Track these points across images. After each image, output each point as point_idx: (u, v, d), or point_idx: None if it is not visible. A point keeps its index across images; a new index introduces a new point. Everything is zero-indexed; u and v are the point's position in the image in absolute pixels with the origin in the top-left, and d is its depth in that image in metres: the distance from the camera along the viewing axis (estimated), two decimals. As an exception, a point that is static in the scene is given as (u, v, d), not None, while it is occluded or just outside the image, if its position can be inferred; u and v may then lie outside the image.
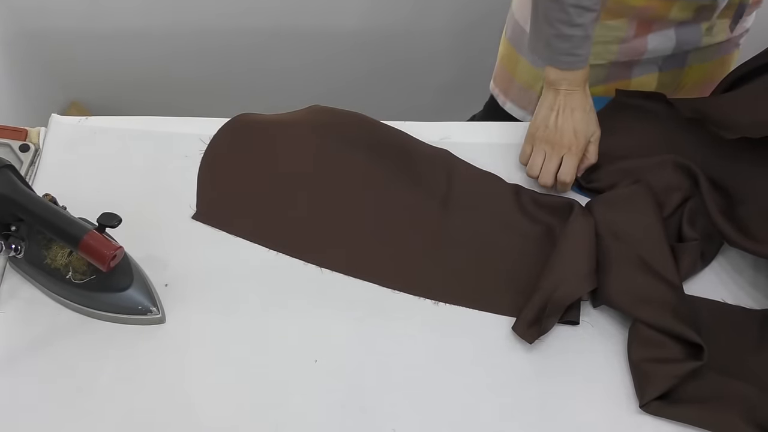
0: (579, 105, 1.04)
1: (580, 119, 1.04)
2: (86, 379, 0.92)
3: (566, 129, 1.04)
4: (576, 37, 1.00)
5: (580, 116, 1.04)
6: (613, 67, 1.19)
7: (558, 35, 1.00)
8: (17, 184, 0.90)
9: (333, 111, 1.17)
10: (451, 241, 1.03)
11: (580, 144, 1.04)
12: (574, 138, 1.04)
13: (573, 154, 1.04)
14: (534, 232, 1.05)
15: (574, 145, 1.04)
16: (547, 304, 0.94)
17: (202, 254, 1.03)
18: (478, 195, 1.08)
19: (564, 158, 1.05)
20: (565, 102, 1.04)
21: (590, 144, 1.07)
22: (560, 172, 1.05)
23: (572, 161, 1.05)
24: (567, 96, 1.04)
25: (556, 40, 1.01)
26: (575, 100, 1.04)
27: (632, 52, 1.17)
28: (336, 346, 0.95)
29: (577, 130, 1.04)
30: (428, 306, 0.99)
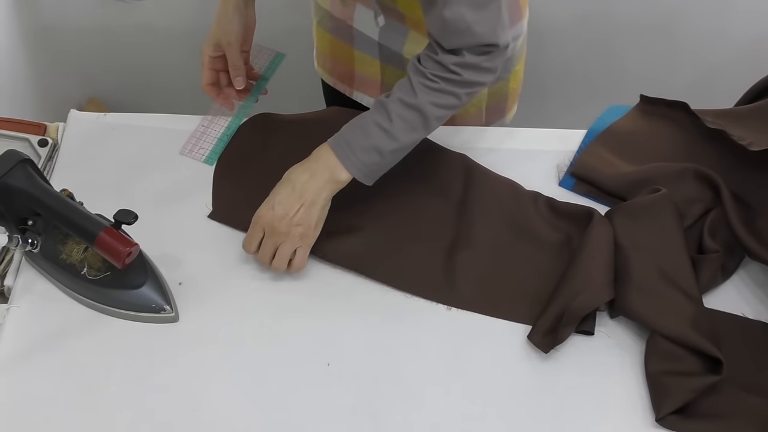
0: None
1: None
2: (98, 377, 0.93)
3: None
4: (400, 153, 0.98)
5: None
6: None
7: (396, 150, 0.97)
8: (35, 179, 0.90)
9: (352, 113, 1.17)
10: (466, 247, 1.03)
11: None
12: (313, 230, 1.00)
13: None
14: (552, 240, 1.05)
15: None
16: (563, 313, 0.94)
17: (217, 253, 1.03)
18: (496, 201, 1.08)
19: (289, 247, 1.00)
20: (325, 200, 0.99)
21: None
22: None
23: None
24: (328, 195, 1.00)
25: (391, 155, 0.97)
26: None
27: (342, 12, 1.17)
28: (349, 350, 0.95)
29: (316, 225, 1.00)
30: (442, 312, 0.99)
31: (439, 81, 0.94)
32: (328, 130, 1.13)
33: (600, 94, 1.95)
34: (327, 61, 1.30)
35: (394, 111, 0.95)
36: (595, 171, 1.10)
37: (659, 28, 1.83)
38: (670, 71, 1.93)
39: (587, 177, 1.10)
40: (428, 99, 0.94)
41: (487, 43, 0.92)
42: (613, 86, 1.97)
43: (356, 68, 1.24)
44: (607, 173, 1.09)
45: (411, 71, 0.96)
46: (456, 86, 0.95)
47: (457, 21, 0.89)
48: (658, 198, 1.03)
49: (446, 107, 0.96)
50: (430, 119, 0.96)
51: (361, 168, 0.96)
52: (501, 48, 0.94)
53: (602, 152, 1.12)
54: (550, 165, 1.13)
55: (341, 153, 0.96)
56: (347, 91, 1.30)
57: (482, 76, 0.96)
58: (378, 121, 0.95)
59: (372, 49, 1.18)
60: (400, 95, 0.95)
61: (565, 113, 1.98)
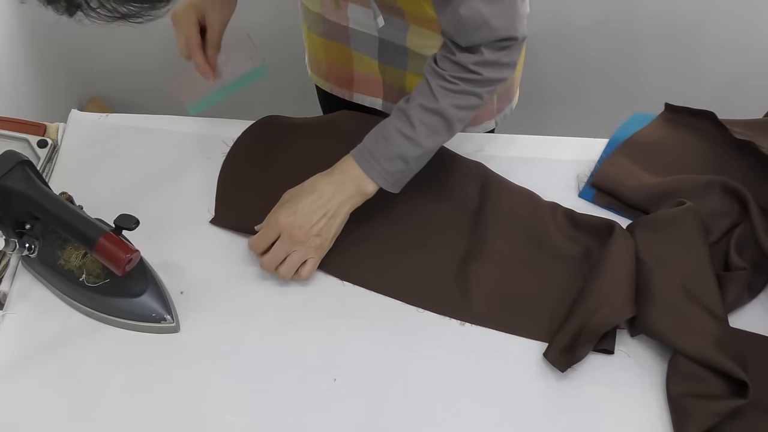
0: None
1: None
2: (94, 387, 0.93)
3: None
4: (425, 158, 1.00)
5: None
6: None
7: (421, 156, 0.98)
8: (34, 181, 0.91)
9: (363, 117, 1.18)
10: (481, 259, 1.03)
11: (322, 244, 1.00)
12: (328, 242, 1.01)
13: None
14: (571, 253, 1.04)
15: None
16: (581, 330, 0.93)
17: (220, 262, 1.03)
18: (512, 211, 1.08)
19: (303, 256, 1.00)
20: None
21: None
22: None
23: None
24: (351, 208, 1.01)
25: (415, 161, 0.98)
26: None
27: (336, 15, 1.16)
28: (356, 365, 0.95)
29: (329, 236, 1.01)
30: (455, 327, 0.99)
31: (459, 82, 0.95)
32: (338, 134, 1.14)
33: (622, 101, 1.95)
34: (322, 67, 1.31)
35: (416, 117, 0.96)
36: (617, 182, 1.09)
37: (685, 33, 1.82)
38: (696, 78, 1.93)
39: (608, 188, 1.10)
40: (450, 102, 0.95)
41: (505, 36, 0.92)
42: (636, 93, 1.97)
43: (355, 69, 1.25)
44: (630, 185, 1.09)
45: (428, 74, 0.97)
46: (477, 86, 0.96)
47: (473, 17, 0.90)
48: (683, 211, 1.03)
49: (468, 108, 0.97)
50: (453, 122, 0.97)
51: (388, 177, 0.98)
52: (519, 40, 0.94)
53: (624, 162, 1.12)
54: (569, 175, 1.13)
55: (366, 164, 0.98)
56: (346, 95, 1.31)
57: (502, 72, 0.96)
58: (400, 129, 0.97)
59: (370, 49, 1.18)
60: (420, 101, 0.96)
61: (585, 121, 1.98)
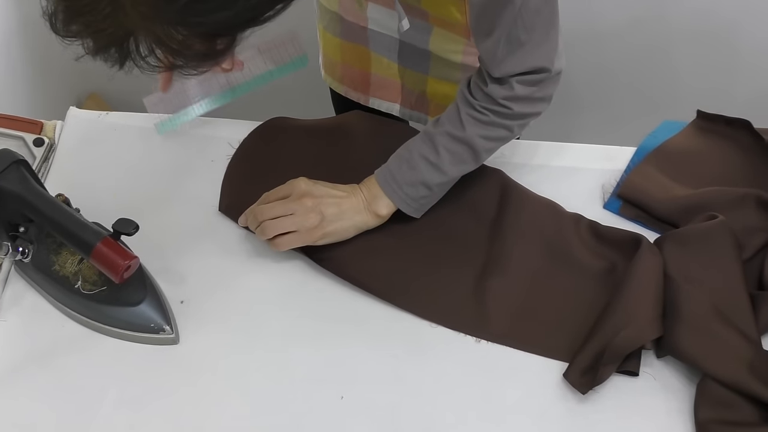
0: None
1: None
2: (88, 400, 0.93)
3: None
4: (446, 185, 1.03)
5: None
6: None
7: (445, 183, 1.01)
8: (29, 182, 0.91)
9: (376, 119, 1.18)
10: (499, 273, 1.03)
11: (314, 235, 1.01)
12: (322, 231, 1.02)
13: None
14: (594, 268, 1.04)
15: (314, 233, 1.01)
16: (605, 350, 0.93)
17: (223, 271, 1.04)
18: (533, 222, 1.07)
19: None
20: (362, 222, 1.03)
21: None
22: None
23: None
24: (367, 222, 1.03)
25: (439, 188, 1.01)
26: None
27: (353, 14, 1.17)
28: (365, 383, 0.95)
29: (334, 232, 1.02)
30: (470, 344, 0.99)
31: (488, 114, 0.96)
32: (349, 137, 1.15)
33: (652, 107, 1.95)
34: (337, 69, 1.31)
35: (441, 144, 0.98)
36: (645, 193, 1.09)
37: (718, 36, 1.82)
38: (730, 84, 1.92)
39: (635, 199, 1.09)
40: (477, 132, 0.97)
41: (538, 67, 0.93)
42: (666, 99, 1.96)
43: (373, 71, 1.25)
44: (658, 196, 1.08)
45: (459, 100, 0.99)
46: (507, 119, 0.97)
47: (506, 44, 0.90)
48: (715, 226, 1.02)
49: (496, 140, 0.99)
50: (480, 152, 0.99)
51: (410, 203, 1.01)
52: (553, 74, 0.95)
53: (653, 172, 1.12)
54: (594, 185, 1.13)
55: (388, 187, 1.00)
56: (362, 99, 1.31)
57: (535, 106, 0.98)
58: (424, 154, 0.99)
59: (390, 51, 1.18)
60: (448, 127, 0.98)
61: (612, 128, 1.97)
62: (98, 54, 0.66)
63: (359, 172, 1.05)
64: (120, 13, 0.62)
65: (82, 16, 0.63)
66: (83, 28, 0.64)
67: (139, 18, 0.62)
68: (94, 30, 0.64)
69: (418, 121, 1.28)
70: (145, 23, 0.63)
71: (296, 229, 0.99)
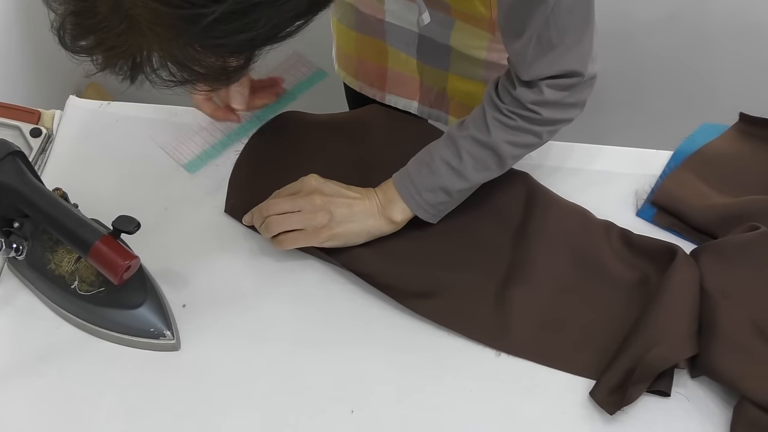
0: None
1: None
2: (82, 409, 0.93)
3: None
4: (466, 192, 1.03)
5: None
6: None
7: (467, 189, 1.02)
8: (25, 174, 0.92)
9: (395, 115, 1.18)
10: (522, 282, 1.03)
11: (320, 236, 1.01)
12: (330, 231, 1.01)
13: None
14: (625, 280, 1.04)
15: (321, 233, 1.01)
16: (635, 368, 0.93)
17: (228, 274, 1.04)
18: (560, 229, 1.07)
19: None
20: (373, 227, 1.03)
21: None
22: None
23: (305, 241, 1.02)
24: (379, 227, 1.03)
25: (459, 194, 1.02)
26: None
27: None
28: (377, 396, 0.95)
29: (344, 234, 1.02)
30: (489, 357, 0.98)
31: (516, 118, 0.96)
32: (366, 134, 1.15)
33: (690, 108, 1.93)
34: (352, 63, 1.31)
35: (465, 148, 0.98)
36: (681, 201, 1.09)
37: (762, 32, 1.80)
38: (775, 85, 1.91)
39: (671, 207, 1.09)
40: (503, 137, 0.97)
41: (568, 70, 0.93)
42: (706, 100, 1.95)
43: (390, 66, 1.25)
44: (696, 204, 1.08)
45: (486, 102, 0.98)
46: (535, 124, 0.97)
47: (537, 45, 0.90)
48: (756, 237, 1.02)
49: (524, 146, 0.99)
50: (506, 158, 0.99)
51: (428, 209, 1.01)
52: (586, 78, 0.95)
53: (690, 179, 1.11)
54: (627, 190, 1.13)
55: (405, 192, 1.01)
56: (378, 96, 1.32)
57: (566, 112, 0.97)
58: (446, 159, 0.99)
59: (408, 46, 1.18)
60: (472, 131, 0.98)
61: (647, 129, 1.96)
62: (108, 69, 0.67)
63: (376, 173, 1.06)
64: (135, 31, 0.62)
65: (93, 33, 0.64)
66: (94, 45, 0.65)
67: (156, 38, 0.63)
68: (106, 48, 0.65)
69: (438, 120, 1.28)
70: (162, 44, 0.64)
71: (302, 227, 0.99)
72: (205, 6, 0.60)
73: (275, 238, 1.01)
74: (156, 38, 0.63)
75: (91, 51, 0.66)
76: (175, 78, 0.67)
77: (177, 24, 0.61)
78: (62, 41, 0.66)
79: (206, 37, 0.62)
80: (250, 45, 0.66)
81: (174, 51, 0.64)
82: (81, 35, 0.65)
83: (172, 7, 0.60)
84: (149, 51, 0.65)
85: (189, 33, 0.62)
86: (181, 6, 0.59)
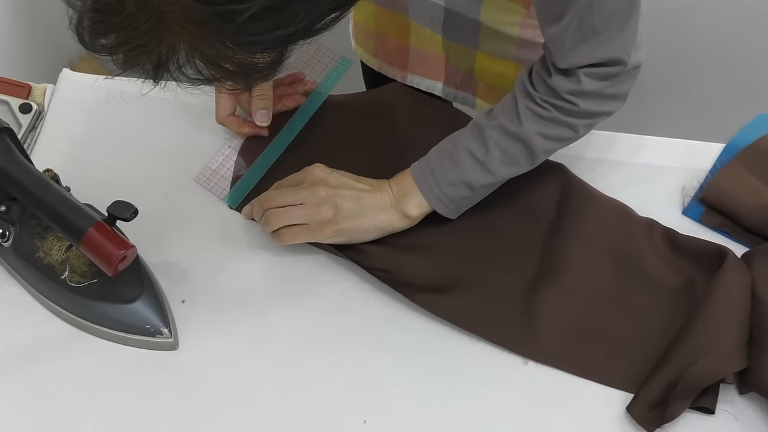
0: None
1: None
2: (70, 411, 0.94)
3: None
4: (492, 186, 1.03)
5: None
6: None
7: (492, 184, 1.01)
8: (13, 153, 0.92)
9: (416, 96, 1.17)
10: (554, 283, 1.03)
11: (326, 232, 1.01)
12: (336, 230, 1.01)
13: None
14: (669, 284, 1.03)
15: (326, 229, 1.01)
16: (677, 381, 0.92)
17: (232, 268, 1.04)
18: (598, 226, 1.07)
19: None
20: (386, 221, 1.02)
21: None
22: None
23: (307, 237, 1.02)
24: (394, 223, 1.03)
25: (483, 189, 1.01)
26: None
27: None
28: (392, 405, 0.95)
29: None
30: (516, 365, 0.98)
31: (550, 109, 0.96)
32: (383, 115, 1.15)
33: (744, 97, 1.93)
34: (370, 39, 1.31)
35: (492, 139, 0.97)
36: (733, 199, 1.08)
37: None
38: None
39: (721, 206, 1.09)
40: (535, 129, 0.96)
41: (609, 58, 0.92)
42: (762, 88, 1.94)
43: (412, 43, 1.25)
44: (749, 203, 1.07)
45: (518, 90, 0.98)
46: (571, 116, 0.96)
47: (576, 28, 0.89)
48: (815, 240, 1.01)
49: (558, 140, 0.98)
50: (537, 152, 0.98)
51: (448, 203, 1.01)
52: (629, 68, 0.94)
53: (744, 174, 1.11)
54: (672, 186, 1.12)
55: (425, 185, 1.00)
56: (398, 75, 1.31)
57: (607, 104, 0.96)
58: (471, 150, 0.98)
59: (433, 21, 1.18)
60: (501, 120, 0.97)
61: (696, 119, 1.96)
62: (131, 68, 0.67)
63: (395, 163, 1.06)
64: (163, 29, 0.62)
65: (116, 31, 0.64)
66: (117, 43, 0.65)
67: (186, 36, 0.63)
68: (131, 47, 0.64)
69: (464, 103, 1.28)
70: (192, 42, 0.64)
71: (305, 221, 0.99)
72: (241, 2, 0.59)
73: (276, 233, 1.01)
74: (186, 36, 0.63)
75: (114, 50, 0.66)
76: (201, 76, 0.67)
77: (211, 21, 0.61)
78: (81, 39, 0.66)
79: (241, 34, 0.62)
80: (286, 41, 0.66)
81: (204, 49, 0.64)
82: (102, 33, 0.64)
83: (206, 4, 0.59)
84: (176, 48, 0.65)
85: (223, 31, 0.62)
86: (216, 2, 0.59)
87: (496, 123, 0.98)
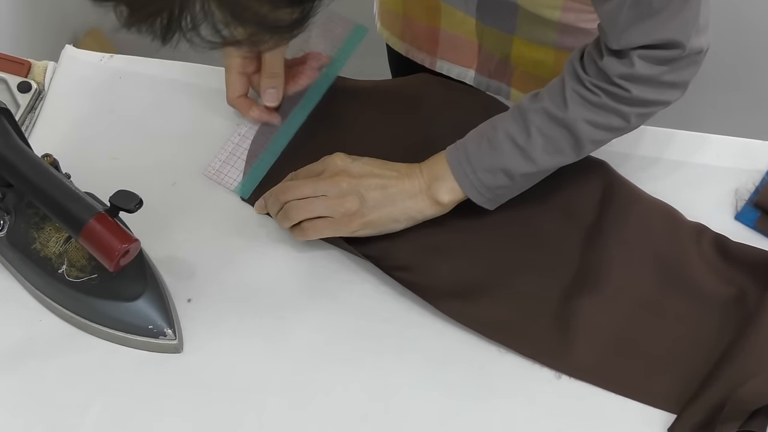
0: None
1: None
2: (65, 416, 0.94)
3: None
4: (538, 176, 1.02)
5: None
6: None
7: (533, 174, 1.00)
8: (11, 136, 0.92)
9: (451, 86, 1.17)
10: (592, 291, 1.02)
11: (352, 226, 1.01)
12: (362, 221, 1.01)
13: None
14: (717, 296, 1.03)
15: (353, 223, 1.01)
16: (724, 403, 0.92)
17: (242, 265, 1.04)
18: (642, 230, 1.06)
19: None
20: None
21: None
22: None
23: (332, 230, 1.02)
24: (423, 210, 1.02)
25: (523, 179, 1.00)
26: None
27: None
28: (414, 417, 0.95)
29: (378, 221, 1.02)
30: (548, 379, 0.98)
31: (600, 94, 0.94)
32: (415, 106, 1.14)
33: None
34: (397, 22, 1.31)
35: (535, 123, 0.96)
36: (791, 203, 1.07)
37: None
38: None
39: (778, 211, 1.07)
40: (582, 115, 0.95)
41: (666, 40, 0.90)
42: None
43: (442, 27, 1.24)
44: (808, 208, 1.06)
45: (567, 72, 0.96)
46: (622, 104, 0.95)
47: (632, 5, 0.88)
48: None
49: (607, 129, 0.97)
50: (583, 141, 0.97)
51: (484, 192, 1.00)
52: (689, 52, 0.92)
53: (803, 177, 1.10)
54: (725, 188, 1.11)
55: (459, 170, 0.99)
56: (426, 61, 1.31)
57: (663, 93, 0.95)
58: (512, 134, 0.97)
59: (467, 3, 1.17)
60: (546, 104, 0.96)
61: (752, 115, 1.94)
62: (136, 26, 0.64)
63: (423, 152, 1.05)
64: None
65: None
66: None
67: None
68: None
69: (497, 93, 1.27)
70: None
71: (329, 214, 0.99)
72: None
73: (297, 227, 1.00)
74: None
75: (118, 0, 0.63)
76: (218, 36, 0.65)
77: None
78: None
79: None
80: None
81: (225, 2, 0.62)
82: None
83: None
84: (189, 2, 0.62)
85: None
86: None
87: (540, 106, 0.97)
